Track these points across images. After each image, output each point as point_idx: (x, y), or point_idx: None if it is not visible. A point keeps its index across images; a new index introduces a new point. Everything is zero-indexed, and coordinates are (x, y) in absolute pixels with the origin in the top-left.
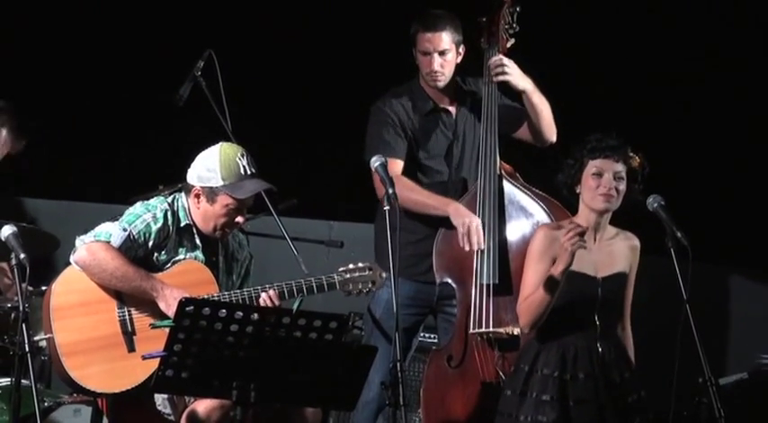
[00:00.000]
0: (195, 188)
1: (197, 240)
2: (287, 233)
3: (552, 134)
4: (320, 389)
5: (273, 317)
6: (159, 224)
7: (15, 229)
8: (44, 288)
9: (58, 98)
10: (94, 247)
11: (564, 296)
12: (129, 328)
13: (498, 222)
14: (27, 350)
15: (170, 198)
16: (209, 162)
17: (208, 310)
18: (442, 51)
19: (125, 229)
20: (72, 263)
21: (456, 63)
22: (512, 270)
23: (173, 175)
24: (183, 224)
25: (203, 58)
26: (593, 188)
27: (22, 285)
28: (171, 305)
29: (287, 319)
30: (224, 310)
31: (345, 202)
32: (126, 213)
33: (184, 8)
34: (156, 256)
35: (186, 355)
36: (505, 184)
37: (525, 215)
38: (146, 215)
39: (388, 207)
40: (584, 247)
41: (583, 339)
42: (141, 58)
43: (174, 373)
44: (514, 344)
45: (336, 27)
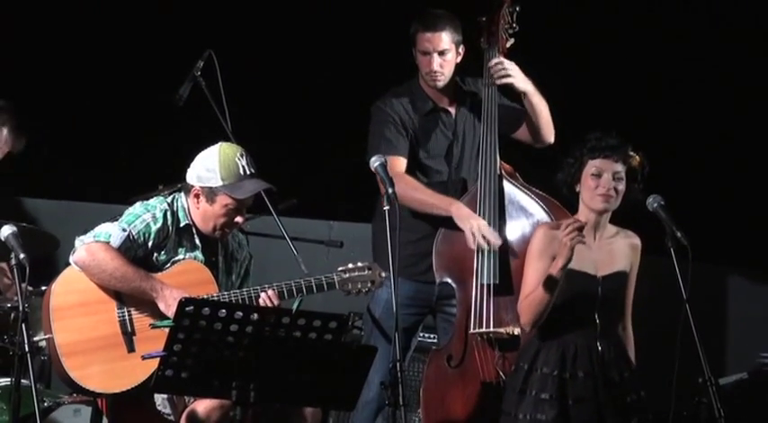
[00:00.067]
0: (195, 188)
1: (196, 240)
2: (287, 233)
3: (551, 135)
4: (320, 389)
5: (273, 317)
6: (159, 224)
7: (15, 229)
8: (44, 288)
9: (58, 98)
10: (94, 248)
11: (564, 295)
12: (129, 329)
13: (498, 222)
14: (27, 350)
15: (169, 198)
16: (208, 162)
17: (207, 310)
18: (442, 51)
19: (124, 230)
20: (71, 263)
21: (456, 63)
22: (512, 270)
23: (172, 175)
24: (183, 224)
25: (203, 58)
26: (592, 188)
27: (22, 285)
28: (170, 305)
29: (286, 319)
30: (224, 310)
31: (345, 202)
32: (125, 213)
33: (184, 8)
34: (156, 256)
35: (186, 355)
36: (505, 184)
37: (525, 215)
38: (145, 215)
39: (387, 207)
40: (583, 243)
41: (583, 338)
42: (141, 58)
43: (174, 373)
44: (515, 344)
45: (336, 27)
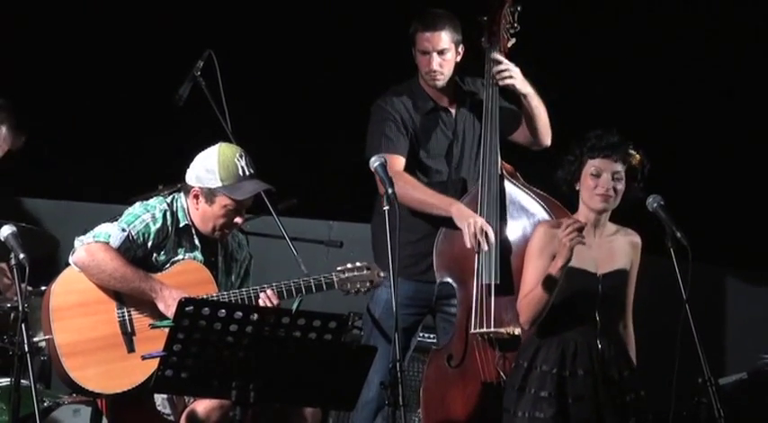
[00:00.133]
0: (194, 189)
1: (196, 241)
2: (286, 233)
3: (547, 138)
4: (320, 389)
5: (273, 317)
6: (158, 225)
7: (15, 229)
8: (43, 288)
9: (58, 98)
10: (93, 248)
11: (564, 292)
12: (129, 329)
13: (499, 222)
14: (26, 350)
15: (169, 198)
16: (207, 163)
17: (207, 310)
18: (441, 51)
19: (124, 230)
20: (71, 263)
21: (455, 62)
22: (513, 270)
23: (172, 176)
24: (183, 225)
25: (203, 58)
26: (591, 188)
27: (22, 285)
28: (170, 305)
29: (286, 320)
30: (223, 310)
31: (345, 202)
32: (125, 214)
33: (184, 8)
34: (155, 256)
35: (186, 356)
36: (506, 184)
37: (526, 215)
38: (145, 215)
39: (387, 207)
40: (582, 243)
41: (582, 336)
42: (141, 58)
43: (174, 373)
44: (515, 344)
45: (336, 27)
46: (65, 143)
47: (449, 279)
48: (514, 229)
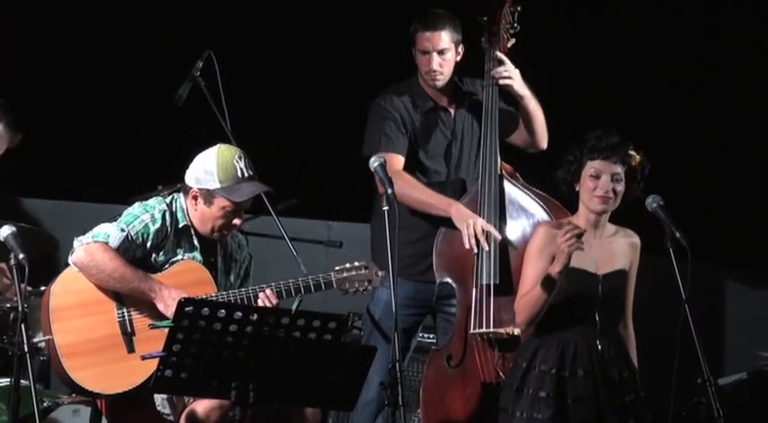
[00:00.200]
0: (192, 190)
1: (195, 241)
2: (286, 234)
3: (544, 141)
4: (319, 389)
5: (272, 317)
6: (157, 225)
7: (14, 229)
8: (43, 288)
9: (58, 98)
10: (92, 248)
11: (564, 293)
12: (129, 329)
13: (499, 222)
14: (26, 350)
15: (168, 199)
16: (206, 164)
17: (207, 311)
18: (441, 50)
19: (123, 230)
20: (70, 264)
21: (455, 62)
22: (512, 270)
23: (171, 176)
24: (182, 225)
25: (202, 58)
26: (590, 189)
27: (21, 285)
28: (169, 305)
29: (286, 320)
30: (223, 311)
31: (344, 203)
32: (124, 214)
33: (184, 8)
34: (155, 256)
35: (185, 356)
36: (506, 185)
37: (525, 215)
38: (144, 216)
39: (387, 207)
40: (581, 249)
41: (582, 336)
42: (141, 58)
43: (173, 374)
44: (515, 344)
45: (336, 27)
46: (65, 143)
47: (448, 279)
48: (514, 230)
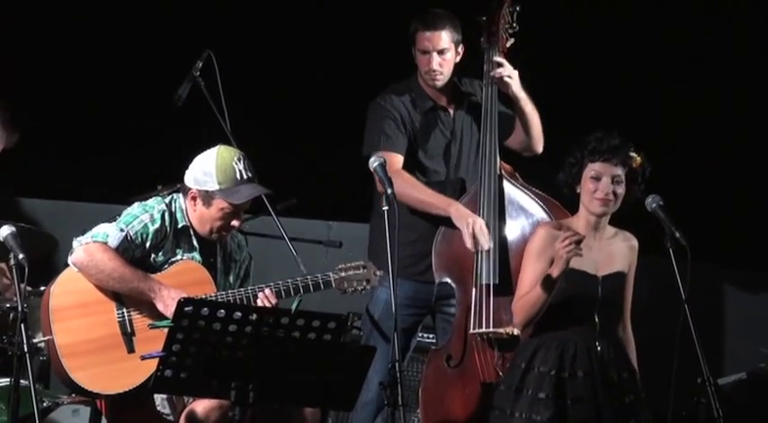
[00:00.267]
0: (191, 191)
1: (194, 241)
2: (286, 234)
3: (540, 144)
4: (319, 389)
5: (272, 317)
6: (157, 225)
7: (14, 229)
8: (42, 288)
9: (58, 97)
10: (92, 248)
11: (564, 294)
12: (129, 329)
13: (498, 222)
14: (26, 350)
15: (168, 199)
16: (205, 165)
17: (206, 311)
18: (441, 50)
19: (122, 230)
20: (70, 264)
21: (455, 62)
22: (512, 270)
23: (171, 176)
24: (181, 225)
25: (202, 58)
26: (590, 191)
27: (21, 285)
28: (168, 305)
29: (285, 320)
30: (222, 311)
31: (344, 202)
32: (123, 214)
33: (184, 8)
34: (154, 257)
35: (185, 356)
36: (505, 185)
37: (525, 215)
38: (143, 216)
39: (386, 207)
40: (579, 255)
41: (582, 337)
42: (140, 58)
43: (173, 374)
44: (514, 344)
45: (336, 27)
46: (64, 143)
47: (448, 279)
48: (513, 230)
